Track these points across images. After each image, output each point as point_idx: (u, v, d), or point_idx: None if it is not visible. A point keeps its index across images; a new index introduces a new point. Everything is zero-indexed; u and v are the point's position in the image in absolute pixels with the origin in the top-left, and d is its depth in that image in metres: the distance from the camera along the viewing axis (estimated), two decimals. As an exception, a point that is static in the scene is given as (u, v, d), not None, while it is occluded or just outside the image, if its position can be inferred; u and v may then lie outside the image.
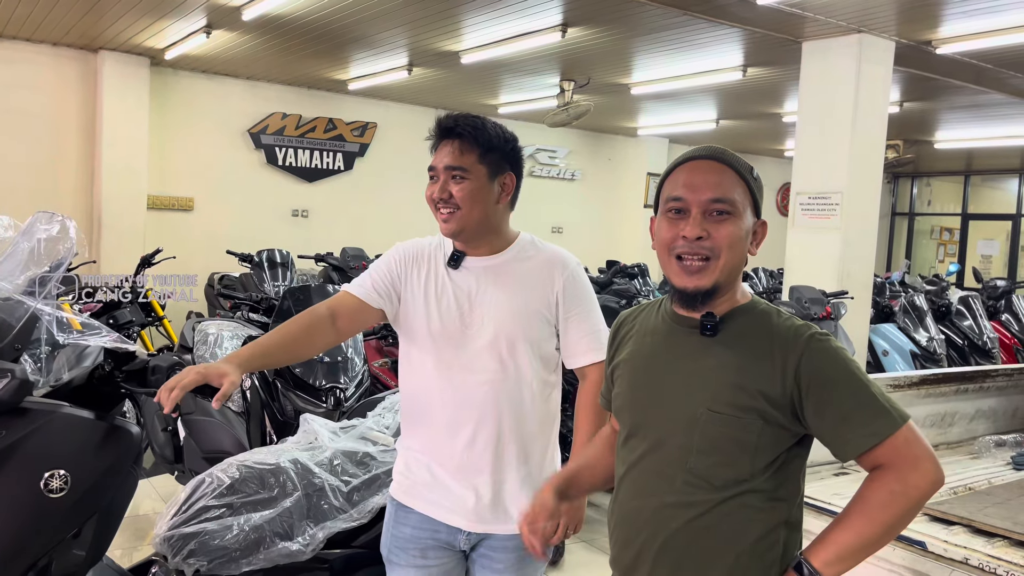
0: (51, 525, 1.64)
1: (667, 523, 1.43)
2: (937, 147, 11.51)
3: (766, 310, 1.45)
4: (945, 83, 7.35)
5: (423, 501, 1.90)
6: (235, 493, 2.18)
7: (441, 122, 1.89)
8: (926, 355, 5.92)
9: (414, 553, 1.90)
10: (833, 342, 1.40)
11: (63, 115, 8.20)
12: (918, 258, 15.11)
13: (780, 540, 1.42)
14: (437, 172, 1.86)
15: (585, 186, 12.11)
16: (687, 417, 1.42)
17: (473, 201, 1.85)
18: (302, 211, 9.68)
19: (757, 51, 6.66)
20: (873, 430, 1.34)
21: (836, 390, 1.36)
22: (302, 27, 6.65)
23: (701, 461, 1.41)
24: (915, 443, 1.35)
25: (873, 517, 1.35)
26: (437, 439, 1.89)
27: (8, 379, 1.60)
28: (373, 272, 1.96)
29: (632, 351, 1.55)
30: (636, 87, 8.39)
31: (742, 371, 1.39)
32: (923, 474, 1.34)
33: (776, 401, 1.37)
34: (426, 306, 1.90)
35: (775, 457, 1.40)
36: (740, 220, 1.41)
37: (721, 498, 1.40)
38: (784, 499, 1.42)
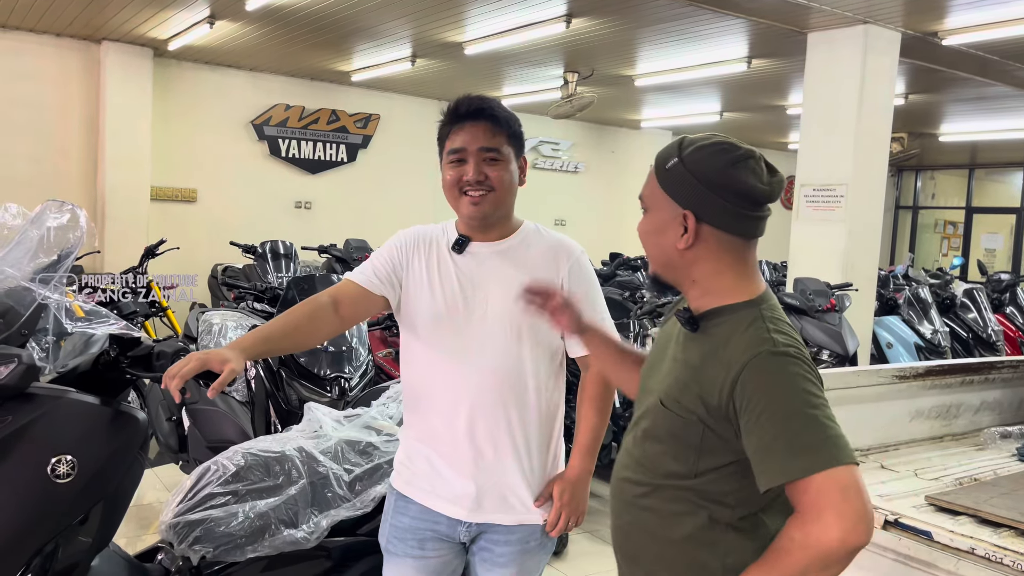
0: (58, 510, 1.64)
1: (622, 495, 1.50)
2: (942, 140, 11.48)
3: (750, 314, 1.37)
4: (950, 75, 7.32)
5: (423, 492, 1.89)
6: (240, 481, 2.18)
7: (465, 103, 1.86)
8: (930, 348, 5.92)
9: (412, 544, 1.88)
10: (786, 363, 1.29)
11: (67, 106, 8.20)
12: (922, 252, 15.08)
13: (719, 544, 1.37)
14: (466, 154, 1.82)
15: (588, 178, 12.09)
16: (650, 403, 1.46)
17: (505, 184, 1.85)
18: (305, 203, 9.68)
19: (762, 42, 6.63)
20: (785, 467, 1.24)
21: (763, 415, 1.27)
22: (305, 18, 6.63)
23: (650, 448, 1.44)
24: (830, 492, 1.21)
25: (775, 563, 1.27)
26: (438, 429, 1.87)
27: (15, 364, 1.60)
28: (375, 260, 1.94)
29: (661, 330, 1.61)
30: (640, 79, 8.36)
31: (694, 372, 1.37)
32: (825, 529, 1.20)
33: (714, 411, 1.32)
34: (430, 292, 1.87)
35: (726, 463, 1.35)
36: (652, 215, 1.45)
37: (659, 485, 1.42)
38: (731, 506, 1.36)
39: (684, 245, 1.39)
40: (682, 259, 1.41)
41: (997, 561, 1.95)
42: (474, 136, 1.82)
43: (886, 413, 2.89)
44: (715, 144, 1.39)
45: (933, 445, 2.98)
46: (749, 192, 1.37)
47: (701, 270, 1.41)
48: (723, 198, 1.36)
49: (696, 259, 1.40)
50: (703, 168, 1.37)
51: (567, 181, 11.89)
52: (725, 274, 1.41)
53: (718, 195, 1.37)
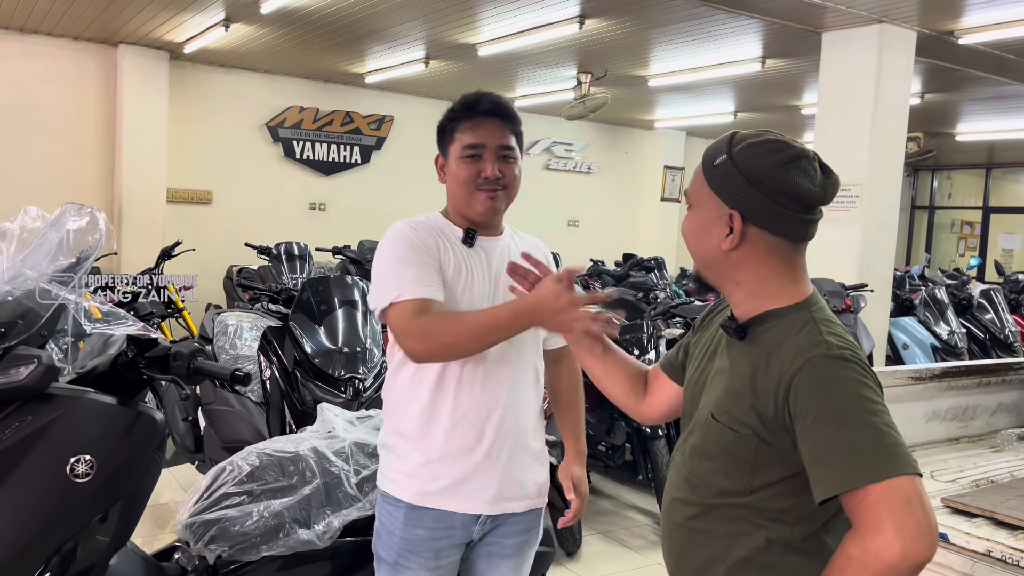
0: (77, 509, 1.66)
1: (674, 516, 1.44)
2: (958, 139, 11.38)
3: (800, 318, 1.31)
4: (967, 74, 7.26)
5: (440, 498, 1.84)
6: (255, 481, 2.19)
7: (485, 100, 1.87)
8: (947, 349, 5.87)
9: (428, 555, 1.84)
10: (842, 367, 1.23)
11: (84, 109, 8.28)
12: (938, 252, 14.96)
13: (777, 567, 1.31)
14: (484, 150, 1.83)
15: (601, 179, 12.07)
16: (701, 417, 1.40)
17: (517, 181, 1.90)
18: (319, 204, 9.72)
19: (776, 42, 6.60)
20: (841, 476, 1.17)
21: (818, 421, 1.20)
22: (319, 20, 6.67)
23: (702, 465, 1.38)
24: (889, 505, 1.13)
25: None
26: (446, 429, 1.82)
27: (35, 365, 1.61)
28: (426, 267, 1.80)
29: (702, 336, 1.54)
30: (653, 79, 8.34)
31: (745, 382, 1.30)
32: (884, 544, 1.13)
33: (769, 422, 1.26)
34: (461, 286, 1.84)
35: (783, 478, 1.28)
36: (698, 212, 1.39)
37: (714, 504, 1.35)
38: (790, 524, 1.30)
39: (729, 246, 1.33)
40: (727, 260, 1.35)
41: (1014, 564, 1.94)
42: (491, 133, 1.84)
43: (902, 415, 2.85)
44: (767, 142, 1.33)
45: (949, 447, 2.96)
46: (800, 194, 1.30)
47: (746, 272, 1.35)
48: (772, 199, 1.30)
49: (741, 261, 1.34)
50: (753, 167, 1.30)
51: (580, 182, 11.88)
52: (771, 278, 1.34)
53: (767, 196, 1.30)
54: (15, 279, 1.71)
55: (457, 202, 1.90)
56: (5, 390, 1.61)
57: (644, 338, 4.46)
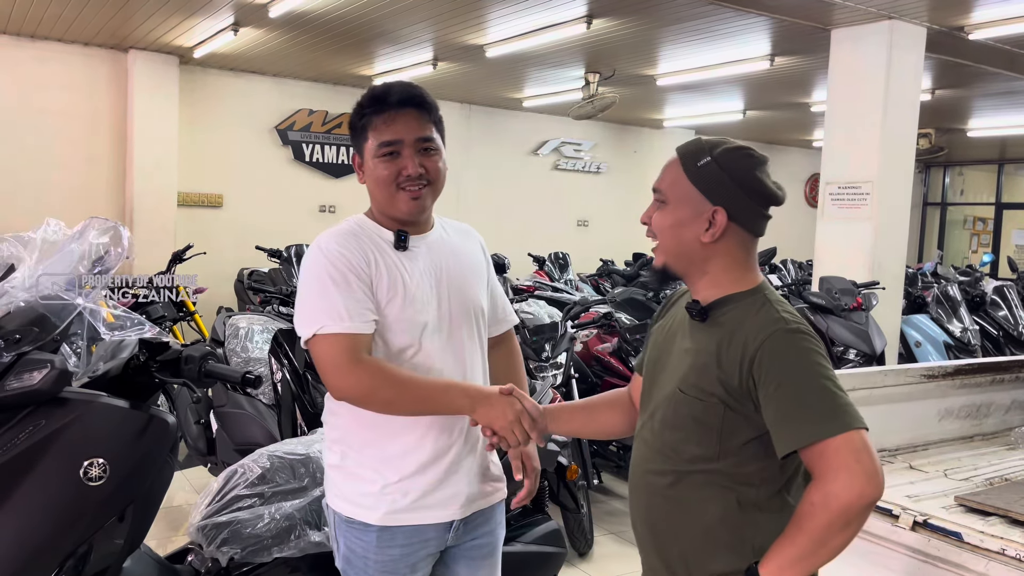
0: (90, 512, 1.67)
1: (647, 489, 1.56)
2: (970, 135, 11.32)
3: (760, 299, 1.49)
4: (978, 70, 7.21)
5: (412, 513, 1.76)
6: (266, 483, 2.20)
7: (392, 90, 1.74)
8: (960, 346, 5.83)
9: (404, 572, 1.78)
10: (799, 339, 1.40)
11: (95, 114, 8.33)
12: (951, 248, 14.87)
13: (750, 523, 1.45)
14: (402, 146, 1.71)
15: (611, 179, 12.06)
16: (667, 393, 1.53)
17: (442, 174, 1.78)
18: (329, 207, 9.75)
19: (785, 40, 6.58)
20: (803, 432, 1.34)
21: (781, 387, 1.37)
22: (327, 23, 6.69)
23: (672, 435, 1.51)
24: (844, 454, 1.31)
25: (801, 526, 1.35)
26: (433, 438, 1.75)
27: (47, 369, 1.62)
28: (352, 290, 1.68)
29: (662, 325, 1.68)
30: (661, 78, 8.33)
31: (711, 357, 1.45)
32: (843, 487, 1.30)
33: (734, 390, 1.41)
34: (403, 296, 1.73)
35: (746, 441, 1.44)
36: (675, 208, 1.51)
37: (687, 471, 1.48)
38: (755, 484, 1.45)
39: (710, 239, 1.48)
40: (702, 252, 1.50)
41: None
42: (408, 127, 1.71)
43: (915, 413, 2.86)
44: (741, 148, 1.51)
45: (963, 445, 2.94)
46: (770, 195, 1.50)
47: (716, 263, 1.51)
48: (750, 198, 1.49)
49: (715, 253, 1.50)
50: (736, 168, 1.48)
51: (589, 182, 11.87)
52: (734, 268, 1.51)
53: (747, 195, 1.48)
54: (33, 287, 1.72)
55: (380, 203, 1.78)
56: (19, 395, 1.63)
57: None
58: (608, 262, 9.10)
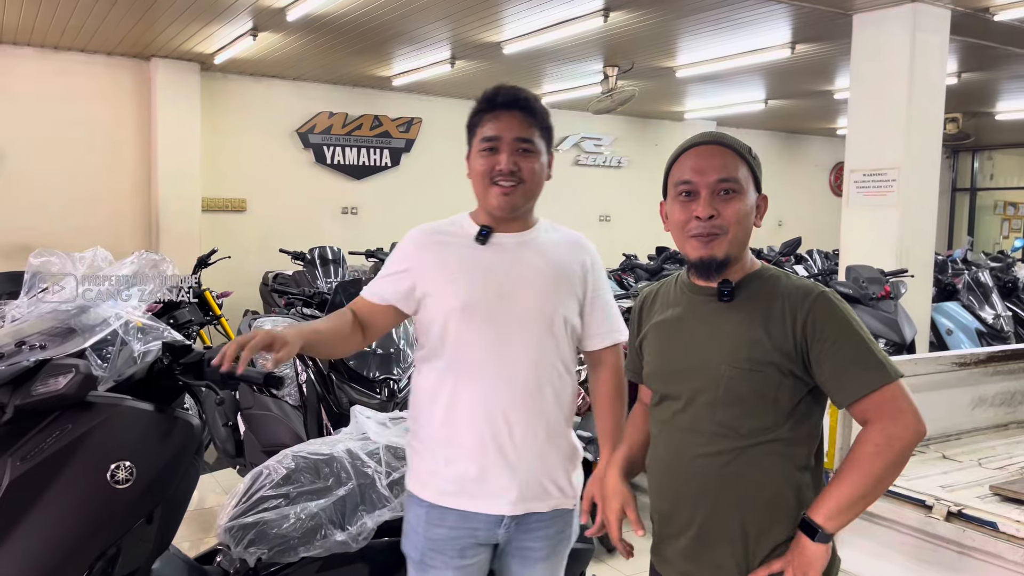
0: (118, 515, 1.68)
1: (701, 473, 1.58)
2: (998, 119, 11.11)
3: (775, 274, 1.62)
4: (1005, 51, 7.07)
5: (458, 497, 1.83)
6: (291, 483, 2.21)
7: (503, 92, 1.84)
8: (992, 333, 5.72)
9: (452, 554, 1.84)
10: (836, 300, 1.55)
11: (119, 123, 8.44)
12: (981, 234, 14.63)
13: (801, 484, 1.57)
14: (500, 143, 1.80)
15: (632, 173, 11.99)
16: (712, 375, 1.57)
17: (537, 177, 1.85)
18: (351, 208, 9.80)
19: (806, 26, 6.49)
20: (865, 381, 1.49)
21: (835, 343, 1.50)
22: (345, 25, 6.71)
23: (728, 413, 1.56)
24: (900, 398, 1.48)
25: (863, 469, 1.47)
26: (474, 428, 1.82)
27: (73, 374, 1.64)
28: (384, 271, 1.92)
29: (657, 322, 1.70)
30: (681, 70, 8.26)
31: (757, 329, 1.54)
32: (904, 427, 1.47)
33: (789, 354, 1.52)
34: (454, 286, 1.82)
35: (794, 406, 1.55)
36: (745, 197, 1.57)
37: (747, 444, 1.55)
38: (804, 444, 1.57)
39: (759, 225, 1.64)
40: (748, 238, 1.62)
41: None
42: (509, 125, 1.81)
43: (947, 401, 2.81)
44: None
45: (997, 433, 2.89)
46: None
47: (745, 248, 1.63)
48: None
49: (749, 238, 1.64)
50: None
51: (610, 176, 11.81)
52: (748, 250, 1.65)
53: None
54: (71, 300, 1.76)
55: (478, 198, 1.89)
56: (45, 399, 1.65)
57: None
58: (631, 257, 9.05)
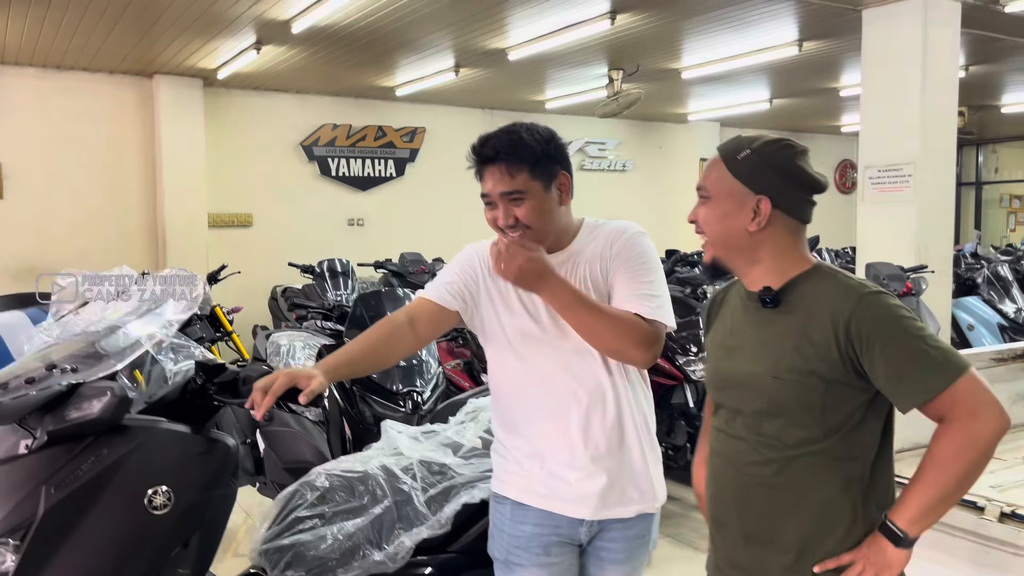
0: (157, 542, 1.63)
1: (748, 482, 1.57)
2: (1004, 111, 11.07)
3: (826, 274, 1.54)
4: (1012, 43, 7.02)
5: (541, 497, 1.86)
6: (326, 503, 2.16)
7: (477, 150, 1.85)
8: (1015, 327, 5.65)
9: (537, 551, 1.85)
10: (886, 299, 1.46)
11: (123, 140, 8.41)
12: (988, 228, 14.58)
13: (858, 498, 1.49)
14: (492, 198, 1.83)
15: (637, 176, 11.96)
16: (757, 385, 1.54)
17: (539, 216, 1.83)
18: (357, 220, 9.75)
19: (814, 23, 6.45)
20: (926, 385, 1.40)
21: (887, 347, 1.41)
22: (349, 36, 6.68)
23: (772, 424, 1.52)
24: (974, 392, 1.39)
25: (946, 471, 1.40)
26: (551, 435, 1.85)
27: (108, 397, 1.59)
28: (446, 275, 1.95)
29: (717, 327, 1.70)
30: (687, 71, 8.21)
31: (799, 336, 1.49)
32: (986, 422, 1.38)
33: (834, 362, 1.45)
34: (512, 303, 1.87)
35: (846, 416, 1.48)
36: (715, 202, 1.56)
37: (794, 455, 1.51)
38: (859, 457, 1.50)
39: (756, 228, 1.53)
40: (749, 241, 1.55)
41: None
42: (495, 181, 1.82)
43: (988, 399, 2.75)
44: (778, 140, 1.58)
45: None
46: (813, 183, 1.56)
47: (767, 250, 1.55)
48: (793, 186, 1.55)
49: (763, 241, 1.55)
50: (777, 159, 1.54)
51: (615, 180, 11.77)
52: (788, 253, 1.56)
53: (789, 183, 1.54)
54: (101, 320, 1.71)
55: None
56: (80, 424, 1.59)
57: (701, 334, 4.36)
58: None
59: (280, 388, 1.60)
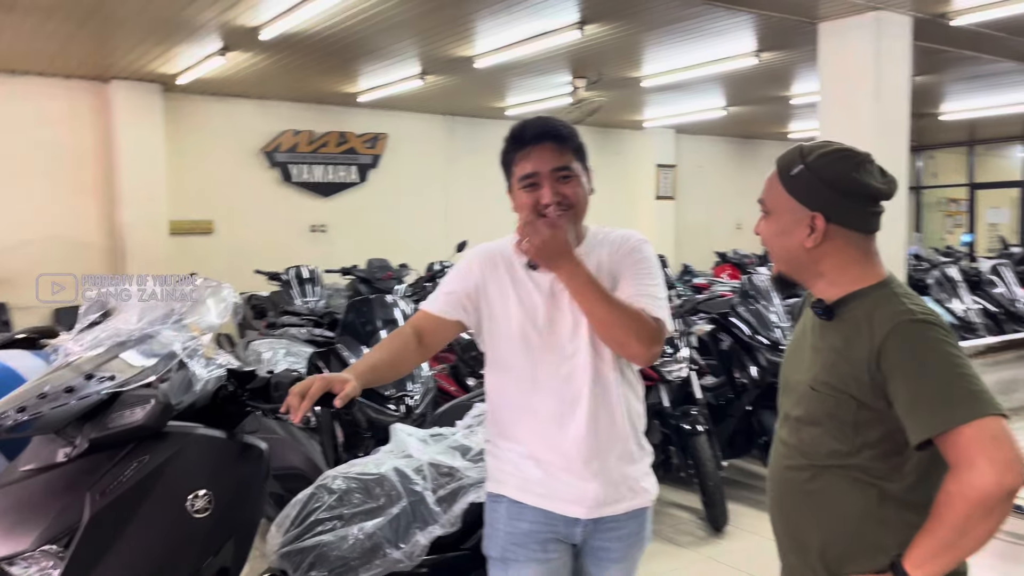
0: (198, 545, 1.66)
1: (785, 485, 1.60)
2: (942, 119, 11.53)
3: (884, 293, 1.49)
4: (956, 55, 7.35)
5: (538, 496, 1.88)
6: (344, 505, 2.20)
7: (530, 128, 1.89)
8: (964, 325, 5.94)
9: (534, 548, 1.88)
10: (926, 329, 1.40)
11: (80, 147, 8.24)
12: (927, 231, 15.12)
13: (890, 519, 1.45)
14: (540, 177, 1.85)
15: (595, 182, 12.09)
16: (799, 392, 1.57)
17: (581, 199, 1.90)
18: (320, 226, 9.71)
19: (772, 35, 6.67)
20: (936, 420, 1.33)
21: (909, 376, 1.37)
22: (317, 43, 6.68)
23: (809, 432, 1.53)
24: (980, 442, 1.29)
25: (941, 518, 1.34)
26: (546, 435, 1.88)
27: (152, 404, 1.62)
28: (444, 285, 1.98)
29: (796, 329, 1.72)
30: (647, 80, 8.40)
31: (839, 354, 1.48)
32: (979, 475, 1.28)
33: (865, 385, 1.42)
34: (515, 311, 1.90)
35: (883, 436, 1.44)
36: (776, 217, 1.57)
37: (825, 465, 1.50)
38: (894, 480, 1.45)
39: (812, 244, 1.51)
40: (809, 256, 1.53)
41: None
42: (543, 159, 1.86)
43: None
44: (837, 151, 1.53)
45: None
46: (872, 193, 1.51)
47: (828, 264, 1.53)
48: (850, 199, 1.50)
49: (823, 255, 1.53)
50: (830, 173, 1.50)
51: (574, 186, 11.91)
52: (851, 266, 1.52)
53: (845, 197, 1.50)
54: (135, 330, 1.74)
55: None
56: (123, 432, 1.62)
57: (675, 337, 4.48)
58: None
59: (317, 392, 1.64)
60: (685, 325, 4.64)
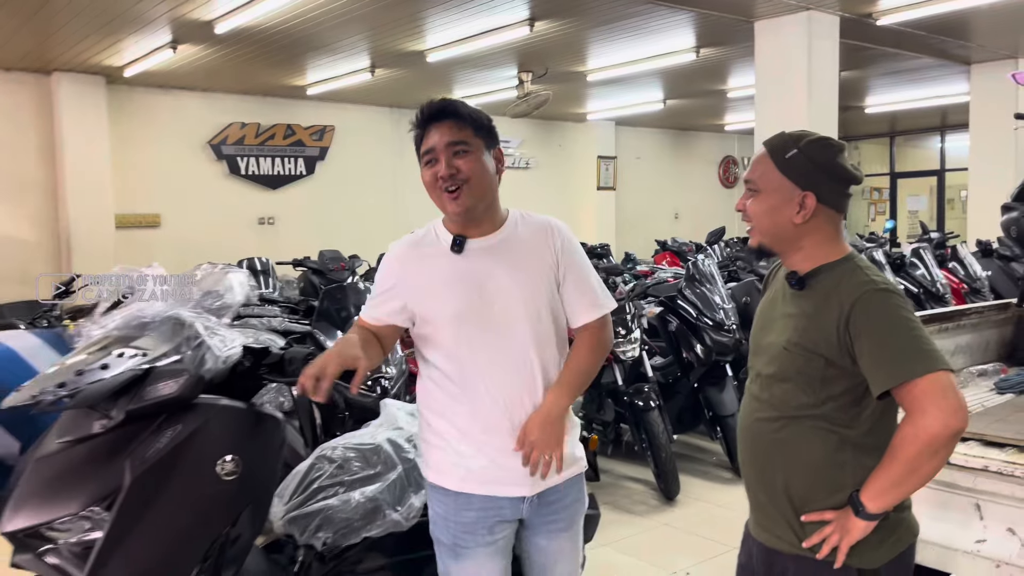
0: (228, 505, 1.82)
1: (756, 435, 1.78)
2: (867, 112, 12.11)
3: (851, 266, 1.69)
4: (880, 51, 7.81)
5: (482, 483, 1.91)
6: (345, 472, 2.38)
7: (429, 106, 1.92)
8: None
9: (483, 533, 1.92)
10: (887, 296, 1.61)
11: (21, 140, 8.09)
12: (851, 218, 15.78)
13: (848, 462, 1.66)
14: (436, 152, 1.88)
15: (539, 174, 12.37)
16: (772, 353, 1.75)
17: (480, 172, 1.89)
18: (268, 218, 9.72)
19: (710, 33, 7.01)
20: (895, 373, 1.54)
21: (874, 336, 1.57)
22: (269, 37, 6.73)
23: (780, 388, 1.72)
24: (932, 392, 1.52)
25: (896, 456, 1.57)
26: (488, 420, 1.90)
27: (185, 377, 1.78)
28: (373, 290, 2.00)
29: (765, 297, 1.91)
30: (592, 74, 8.66)
31: (810, 319, 1.67)
32: (932, 419, 1.51)
33: (833, 344, 1.62)
34: (442, 296, 1.90)
35: (844, 390, 1.65)
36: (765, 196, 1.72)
37: (793, 416, 1.70)
38: (853, 427, 1.66)
39: (802, 220, 1.70)
40: (795, 232, 1.72)
41: (1010, 474, 2.25)
42: (440, 133, 1.88)
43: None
44: (823, 139, 1.74)
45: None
46: (851, 178, 1.72)
47: (809, 240, 1.72)
48: (835, 182, 1.71)
49: (807, 231, 1.72)
50: (822, 157, 1.69)
51: (518, 178, 12.13)
52: (825, 242, 1.73)
53: (831, 179, 1.70)
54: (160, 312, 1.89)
55: (440, 208, 1.96)
56: (158, 403, 1.78)
57: (628, 319, 4.72)
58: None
59: (335, 373, 1.67)
60: (636, 308, 4.89)
